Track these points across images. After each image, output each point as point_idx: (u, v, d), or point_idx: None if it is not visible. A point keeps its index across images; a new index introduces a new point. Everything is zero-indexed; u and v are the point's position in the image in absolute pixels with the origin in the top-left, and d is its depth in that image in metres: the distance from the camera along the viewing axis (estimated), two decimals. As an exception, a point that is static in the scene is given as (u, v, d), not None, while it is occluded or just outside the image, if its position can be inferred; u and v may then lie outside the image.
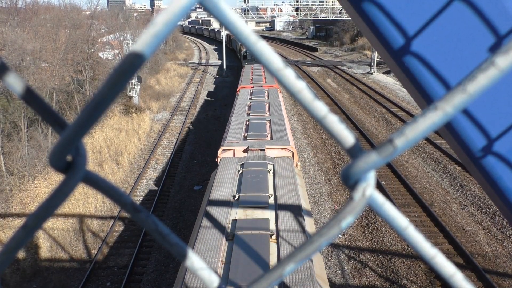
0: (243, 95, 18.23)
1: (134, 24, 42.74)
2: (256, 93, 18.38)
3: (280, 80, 0.40)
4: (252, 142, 11.29)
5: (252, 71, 26.31)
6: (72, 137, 0.40)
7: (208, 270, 0.49)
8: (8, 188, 15.56)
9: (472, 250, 11.73)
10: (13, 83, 0.41)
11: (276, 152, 10.82)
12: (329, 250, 12.08)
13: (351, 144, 0.41)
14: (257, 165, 9.71)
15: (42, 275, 11.71)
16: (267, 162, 10.00)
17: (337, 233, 0.43)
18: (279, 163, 10.01)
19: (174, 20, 0.36)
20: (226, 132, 12.71)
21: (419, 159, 18.13)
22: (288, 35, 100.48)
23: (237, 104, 16.39)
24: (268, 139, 11.72)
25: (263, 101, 16.80)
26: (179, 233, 13.46)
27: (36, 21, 27.06)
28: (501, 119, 1.13)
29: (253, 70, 27.17)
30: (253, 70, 26.80)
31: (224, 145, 11.15)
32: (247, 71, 26.72)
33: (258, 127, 12.68)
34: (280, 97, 17.74)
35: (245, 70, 27.58)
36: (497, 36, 1.09)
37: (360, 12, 1.15)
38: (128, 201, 0.46)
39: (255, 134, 11.98)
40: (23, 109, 18.86)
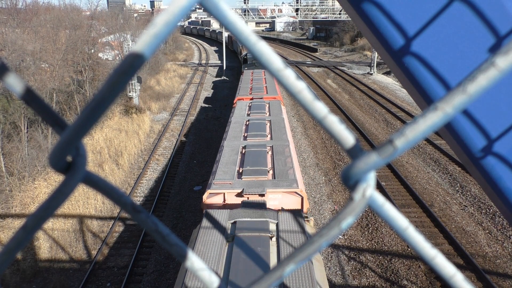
0: (240, 109, 15.95)
1: (134, 25, 42.75)
2: (255, 107, 16.11)
3: (280, 80, 0.40)
4: (249, 183, 9.16)
5: (252, 78, 24.25)
6: (72, 137, 0.40)
7: (208, 270, 0.48)
8: (8, 188, 15.55)
9: (472, 251, 11.73)
10: (13, 84, 0.41)
11: (280, 197, 8.74)
12: (329, 250, 12.08)
13: (351, 144, 0.41)
14: (254, 228, 7.22)
15: (42, 275, 11.71)
16: (269, 220, 7.54)
17: (337, 234, 0.43)
18: (284, 221, 7.54)
19: (174, 21, 0.36)
20: (216, 165, 10.47)
21: (419, 160, 18.13)
22: (288, 35, 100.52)
23: (232, 123, 14.08)
24: (269, 177, 9.58)
25: (264, 118, 14.56)
26: (179, 233, 13.46)
27: (36, 21, 27.07)
28: (501, 119, 1.13)
29: (253, 76, 24.94)
30: (253, 77, 24.70)
31: (212, 188, 9.04)
32: (246, 78, 24.55)
33: (256, 158, 10.45)
34: (283, 113, 15.53)
35: (244, 77, 25.29)
36: (497, 37, 1.09)
37: (360, 12, 1.15)
38: (128, 201, 0.46)
39: (253, 170, 9.78)
40: (23, 110, 18.86)
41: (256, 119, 14.41)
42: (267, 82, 22.76)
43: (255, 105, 16.37)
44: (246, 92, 19.64)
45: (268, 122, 13.96)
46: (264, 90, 20.05)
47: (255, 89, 20.17)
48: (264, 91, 19.82)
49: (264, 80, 23.39)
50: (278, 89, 20.88)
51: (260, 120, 14.13)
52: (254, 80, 23.05)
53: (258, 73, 26.75)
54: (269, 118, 14.53)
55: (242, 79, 24.61)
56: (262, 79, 23.83)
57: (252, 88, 20.52)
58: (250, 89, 20.28)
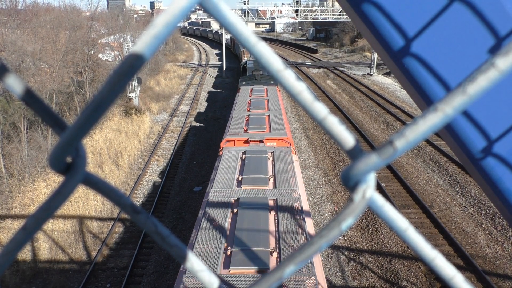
0: (227, 169, 9.96)
1: (134, 26, 42.79)
2: (251, 163, 10.10)
3: (280, 81, 0.40)
4: None
5: (250, 101, 17.50)
6: (72, 138, 0.40)
7: (208, 272, 0.48)
8: (8, 189, 15.55)
9: (472, 252, 11.73)
10: (13, 85, 0.41)
11: None
12: (329, 251, 12.08)
13: (351, 145, 0.41)
14: None
15: (42, 276, 11.70)
16: None
17: (337, 235, 0.43)
18: None
19: (174, 22, 0.36)
20: None
21: (419, 161, 18.13)
22: (288, 36, 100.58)
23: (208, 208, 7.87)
24: None
25: (264, 195, 8.29)
26: (179, 234, 13.46)
27: (36, 22, 27.08)
28: (501, 120, 1.13)
29: (252, 98, 18.09)
30: (252, 99, 17.89)
31: None
32: (242, 100, 17.83)
33: None
34: (297, 177, 9.59)
35: (239, 98, 18.40)
36: (497, 38, 1.09)
37: (360, 13, 1.15)
38: (128, 202, 0.45)
39: None
40: (23, 111, 18.87)
41: (251, 199, 8.11)
42: (271, 107, 16.28)
43: (251, 159, 10.39)
44: (239, 127, 13.57)
45: (273, 204, 7.95)
46: (266, 123, 13.86)
47: (254, 122, 13.93)
48: (266, 125, 13.68)
49: (267, 104, 17.01)
50: (286, 122, 14.60)
51: (258, 205, 7.82)
52: (253, 104, 16.76)
53: (258, 92, 19.69)
54: (273, 194, 8.34)
55: (236, 101, 18.07)
56: (264, 102, 17.31)
57: (249, 120, 14.35)
58: (246, 120, 14.39)
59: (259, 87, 21.18)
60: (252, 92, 19.79)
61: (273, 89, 20.54)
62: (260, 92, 19.64)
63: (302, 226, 7.24)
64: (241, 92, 19.98)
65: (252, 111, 15.67)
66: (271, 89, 20.61)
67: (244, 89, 20.73)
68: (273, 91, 20.12)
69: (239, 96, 18.81)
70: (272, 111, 15.58)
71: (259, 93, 19.49)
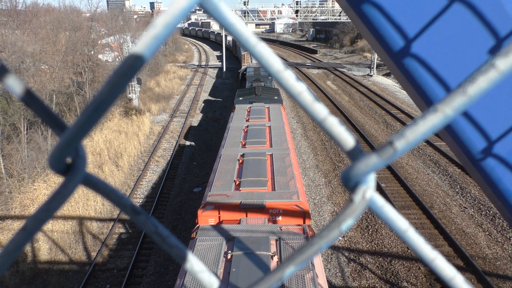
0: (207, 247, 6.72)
1: (134, 26, 42.80)
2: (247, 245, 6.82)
3: (280, 82, 0.40)
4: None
5: (247, 129, 13.32)
6: (71, 139, 0.40)
7: (208, 272, 0.48)
8: (8, 190, 15.55)
9: (472, 253, 11.72)
10: (13, 85, 0.41)
11: None
12: (329, 252, 12.07)
13: (351, 146, 0.41)
14: None
15: (42, 277, 11.69)
16: None
17: (337, 236, 0.43)
18: None
19: (174, 22, 0.36)
20: None
21: (419, 161, 18.13)
22: (288, 37, 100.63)
23: None
24: None
25: None
26: (179, 235, 13.45)
27: (36, 23, 27.09)
28: (501, 121, 1.13)
29: (249, 126, 13.61)
30: (249, 126, 13.60)
31: None
32: (235, 129, 13.46)
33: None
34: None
35: (232, 124, 14.02)
36: (497, 38, 1.09)
37: (360, 14, 1.15)
38: (128, 203, 0.45)
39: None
40: (23, 111, 18.86)
41: None
42: (275, 140, 12.06)
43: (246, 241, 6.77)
44: (229, 177, 9.33)
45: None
46: (267, 173, 9.52)
47: (250, 169, 9.69)
48: (268, 176, 9.34)
49: (269, 134, 12.69)
50: (297, 170, 10.39)
51: None
52: (250, 135, 12.49)
53: (258, 113, 15.51)
54: None
55: (228, 129, 13.62)
56: (265, 132, 12.90)
57: (244, 165, 9.98)
58: (239, 165, 10.06)
59: (259, 106, 16.89)
60: (250, 113, 15.64)
61: (276, 109, 16.27)
62: (260, 114, 15.39)
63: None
64: (236, 112, 15.88)
65: (249, 146, 11.54)
66: (275, 109, 16.33)
67: (240, 108, 16.49)
68: (277, 112, 15.87)
69: (233, 120, 14.67)
70: (277, 148, 11.33)
71: (259, 115, 15.22)
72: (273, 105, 17.05)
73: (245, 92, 21.14)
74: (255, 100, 18.84)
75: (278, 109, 16.34)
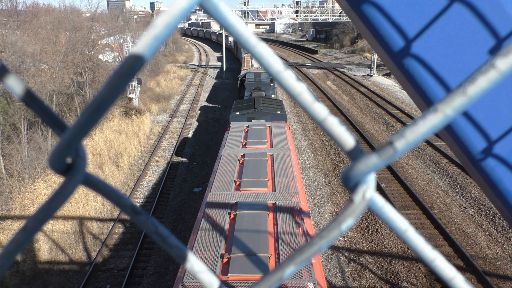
0: None
1: (134, 26, 42.81)
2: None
3: (280, 82, 0.40)
4: None
5: (243, 160, 10.39)
6: (72, 139, 0.40)
7: (208, 272, 0.48)
8: (8, 190, 15.55)
9: (472, 253, 11.72)
10: (13, 85, 0.41)
11: None
12: (329, 252, 12.07)
13: (351, 146, 0.41)
14: None
15: (42, 277, 11.69)
16: None
17: (337, 236, 0.43)
18: None
19: (174, 22, 0.37)
20: None
21: (419, 161, 18.13)
22: (288, 37, 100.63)
23: None
24: None
25: None
26: (179, 235, 13.45)
27: (36, 23, 27.10)
28: (501, 121, 1.13)
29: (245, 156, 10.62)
30: (245, 156, 10.62)
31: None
32: (228, 159, 10.65)
33: None
34: None
35: (225, 152, 11.12)
36: (497, 39, 1.09)
37: (360, 14, 1.15)
38: (128, 203, 0.45)
39: None
40: (23, 111, 18.87)
41: None
42: (279, 182, 9.06)
43: None
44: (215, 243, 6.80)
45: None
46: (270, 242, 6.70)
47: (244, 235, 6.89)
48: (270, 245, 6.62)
49: (271, 169, 9.89)
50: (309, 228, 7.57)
51: None
52: (247, 172, 9.61)
53: (258, 135, 12.43)
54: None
55: (220, 158, 10.75)
56: (266, 165, 10.08)
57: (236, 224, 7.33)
58: (230, 222, 7.54)
59: (259, 125, 13.81)
60: (248, 134, 12.60)
61: (280, 129, 13.31)
62: (261, 136, 12.28)
63: None
64: (232, 133, 12.84)
65: (244, 190, 8.59)
66: (278, 129, 13.33)
67: (236, 128, 13.53)
68: (280, 133, 12.86)
69: (227, 145, 11.70)
70: (281, 193, 8.37)
71: (258, 137, 12.14)
72: (276, 124, 14.18)
73: (243, 104, 18.02)
74: (255, 116, 16.27)
75: (282, 129, 13.36)
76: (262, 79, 23.75)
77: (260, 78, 23.93)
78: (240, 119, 15.83)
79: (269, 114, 16.46)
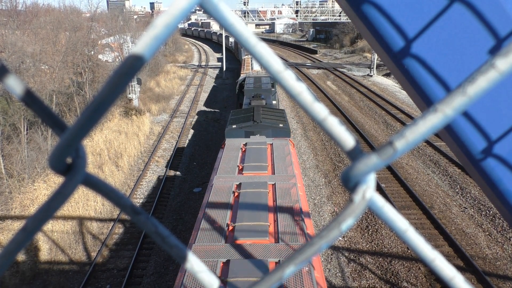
0: None
1: (134, 27, 42.80)
2: None
3: (280, 82, 0.40)
4: None
5: (238, 194, 8.40)
6: (72, 139, 0.40)
7: (208, 272, 0.48)
8: (8, 190, 15.54)
9: (472, 253, 11.72)
10: (13, 85, 0.41)
11: None
12: (329, 252, 12.07)
13: (351, 146, 0.41)
14: None
15: (42, 277, 11.69)
16: None
17: (337, 236, 0.43)
18: None
19: (174, 23, 0.37)
20: None
21: (419, 162, 18.13)
22: (288, 37, 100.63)
23: None
24: None
25: None
26: (179, 235, 13.45)
27: (36, 23, 27.10)
28: (501, 121, 1.13)
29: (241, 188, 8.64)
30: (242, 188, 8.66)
31: None
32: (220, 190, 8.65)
33: None
34: None
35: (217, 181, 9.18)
36: (497, 39, 1.09)
37: (360, 14, 1.15)
38: (128, 203, 0.45)
39: None
40: (23, 111, 18.86)
41: None
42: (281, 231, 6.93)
43: None
44: None
45: None
46: None
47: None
48: None
49: (273, 203, 8.14)
50: None
51: None
52: (242, 209, 7.73)
53: (257, 155, 10.73)
54: None
55: (211, 189, 8.82)
56: (267, 197, 8.29)
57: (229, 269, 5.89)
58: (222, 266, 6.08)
59: (258, 143, 11.76)
60: (246, 155, 10.69)
61: (283, 148, 11.41)
62: (260, 159, 10.32)
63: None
64: (226, 153, 11.04)
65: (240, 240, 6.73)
66: (281, 148, 11.43)
67: (232, 146, 11.63)
68: (284, 153, 11.02)
69: (219, 169, 9.83)
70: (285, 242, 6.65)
71: (257, 161, 10.20)
72: (278, 141, 12.07)
73: (240, 115, 16.07)
74: (254, 130, 14.35)
75: (285, 148, 11.41)
76: (262, 85, 21.86)
77: (261, 84, 22.15)
78: (237, 134, 14.23)
79: (270, 127, 14.62)
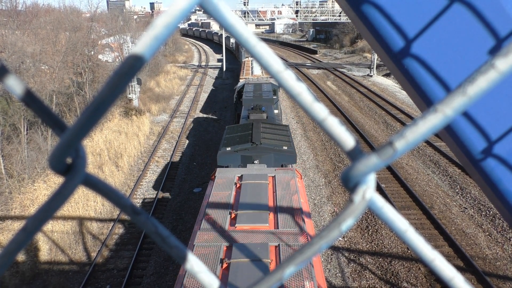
0: None
1: (134, 27, 42.80)
2: None
3: (280, 82, 0.40)
4: None
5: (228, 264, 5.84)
6: (72, 139, 0.40)
7: (208, 273, 0.48)
8: (8, 190, 15.54)
9: (472, 253, 11.72)
10: (13, 86, 0.41)
11: None
12: (329, 252, 12.07)
13: (351, 146, 0.41)
14: None
15: (42, 277, 11.69)
16: None
17: (337, 236, 0.43)
18: None
19: (174, 23, 0.37)
20: None
21: (419, 162, 18.13)
22: (288, 37, 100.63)
23: None
24: None
25: None
26: (179, 235, 13.45)
27: (36, 23, 27.10)
28: (501, 121, 1.13)
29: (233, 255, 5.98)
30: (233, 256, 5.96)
31: None
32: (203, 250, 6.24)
33: None
34: None
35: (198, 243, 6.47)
36: (497, 39, 1.09)
37: (360, 14, 1.15)
38: (128, 203, 0.45)
39: None
40: (23, 112, 18.86)
41: None
42: None
43: None
44: None
45: None
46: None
47: None
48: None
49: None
50: None
51: None
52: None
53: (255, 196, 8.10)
54: None
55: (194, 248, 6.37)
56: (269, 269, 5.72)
57: None
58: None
59: (257, 176, 9.23)
60: (241, 197, 8.22)
61: (290, 184, 8.86)
62: (259, 204, 7.87)
63: None
64: (215, 192, 8.52)
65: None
66: (286, 183, 8.91)
67: (223, 181, 9.04)
68: (290, 192, 8.53)
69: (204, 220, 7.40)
70: None
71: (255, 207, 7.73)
72: (282, 174, 9.45)
73: (236, 134, 13.21)
74: (252, 154, 11.81)
75: (291, 184, 8.89)
76: (263, 93, 18.86)
77: (261, 92, 19.07)
78: (231, 159, 11.83)
79: (272, 151, 11.94)
